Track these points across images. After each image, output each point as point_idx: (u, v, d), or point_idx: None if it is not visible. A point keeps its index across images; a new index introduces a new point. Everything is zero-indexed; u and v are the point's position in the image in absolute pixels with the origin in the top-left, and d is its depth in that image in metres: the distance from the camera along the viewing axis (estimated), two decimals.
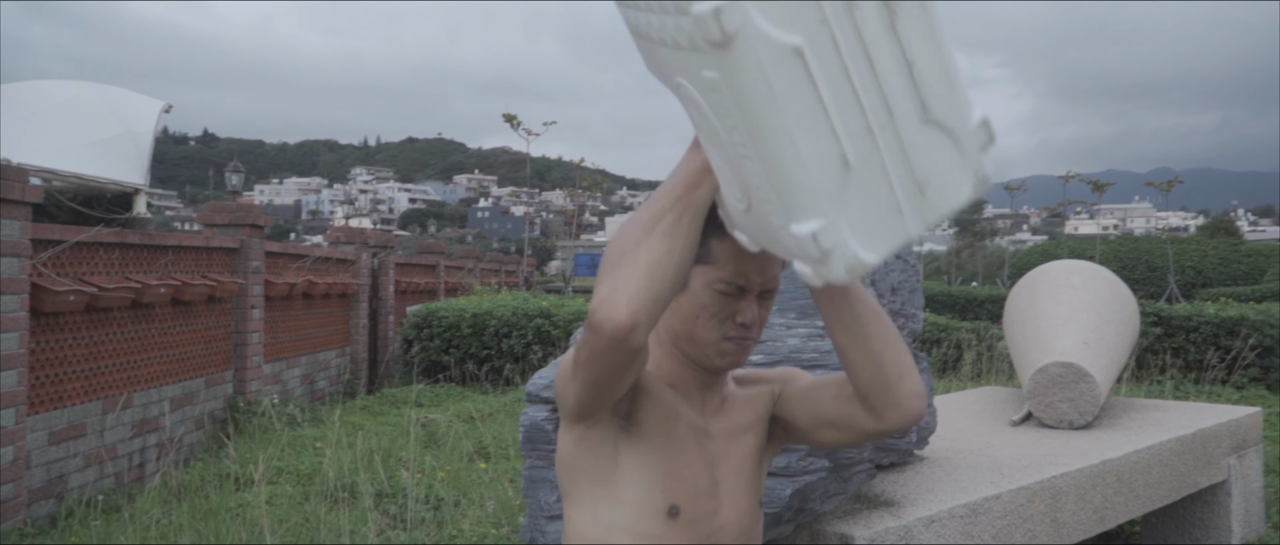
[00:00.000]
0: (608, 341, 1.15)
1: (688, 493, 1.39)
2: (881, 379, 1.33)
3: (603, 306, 1.14)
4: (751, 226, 1.19)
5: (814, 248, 1.04)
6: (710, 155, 1.17)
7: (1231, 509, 4.22)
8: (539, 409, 2.70)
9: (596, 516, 1.37)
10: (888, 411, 1.34)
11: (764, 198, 1.07)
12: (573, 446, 1.39)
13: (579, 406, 1.33)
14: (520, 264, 22.68)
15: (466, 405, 8.65)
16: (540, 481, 2.70)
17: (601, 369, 1.22)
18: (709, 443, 1.44)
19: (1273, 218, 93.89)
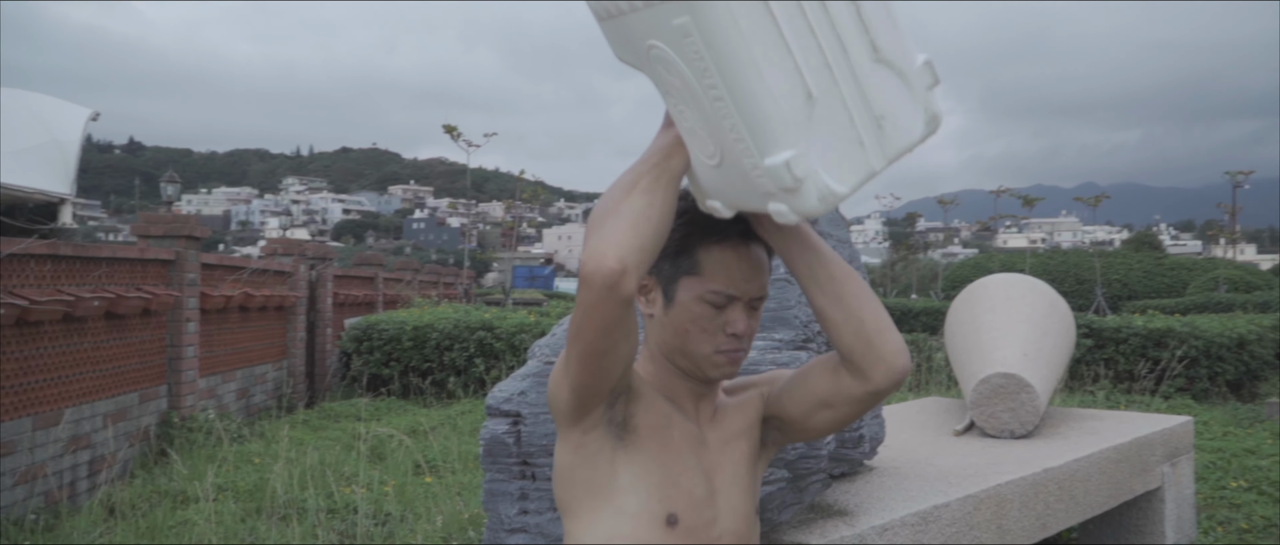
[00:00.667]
0: (600, 290, 1.18)
1: (686, 501, 1.40)
2: (863, 336, 1.37)
3: (592, 258, 1.18)
4: (723, 185, 1.25)
5: (788, 176, 1.12)
6: (682, 120, 1.24)
7: (1165, 515, 4.36)
8: (499, 422, 2.70)
9: (595, 528, 1.38)
10: (874, 368, 1.38)
11: (738, 138, 1.14)
12: (571, 456, 1.40)
13: (576, 397, 1.33)
14: (459, 276, 22.54)
15: (409, 419, 8.57)
16: (500, 494, 2.70)
17: (595, 330, 1.23)
18: (705, 451, 1.45)
19: (1193, 232, 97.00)
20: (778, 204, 1.17)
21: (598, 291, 1.18)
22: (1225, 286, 19.28)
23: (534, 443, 2.65)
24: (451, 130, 17.70)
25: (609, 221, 1.20)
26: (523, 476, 2.67)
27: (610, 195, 1.24)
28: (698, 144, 1.24)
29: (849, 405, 1.43)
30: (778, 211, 1.18)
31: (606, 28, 1.28)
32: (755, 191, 1.19)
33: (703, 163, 1.26)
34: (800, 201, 1.15)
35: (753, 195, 1.21)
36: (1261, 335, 10.40)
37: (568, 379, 1.32)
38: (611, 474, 1.38)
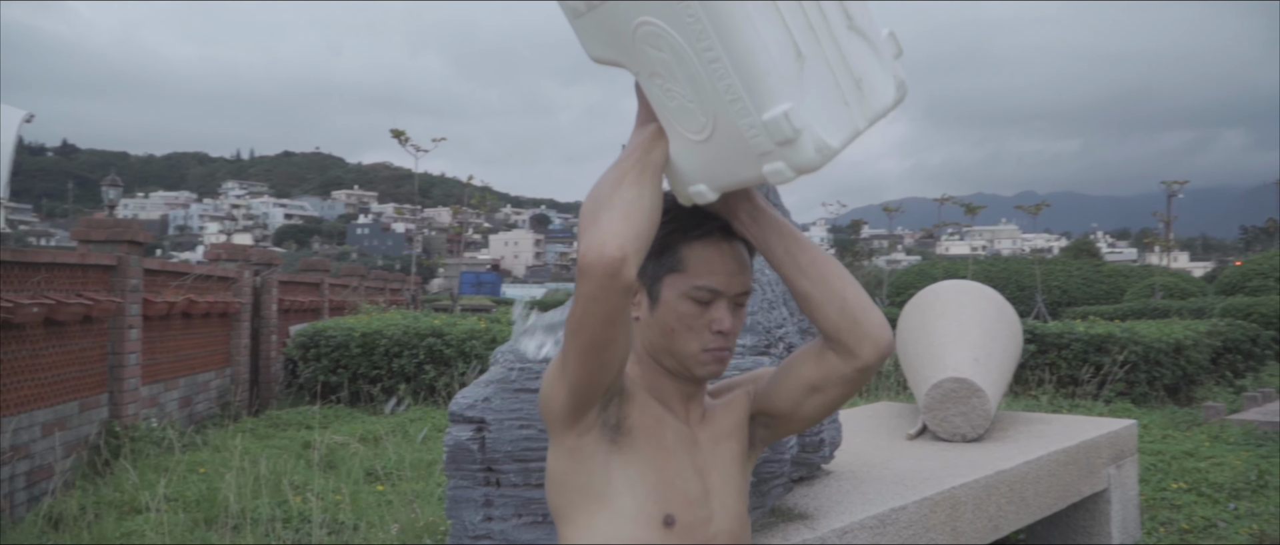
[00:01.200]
0: (601, 279, 1.18)
1: (681, 501, 1.40)
2: (849, 314, 1.41)
3: (591, 249, 1.19)
4: (711, 161, 1.28)
5: (788, 126, 1.17)
6: (667, 101, 1.28)
7: (1111, 516, 4.46)
8: (463, 429, 2.69)
9: (593, 532, 1.38)
10: (861, 345, 1.42)
11: (734, 99, 1.19)
12: (565, 461, 1.40)
13: (574, 396, 1.33)
14: (406, 282, 22.33)
15: (359, 427, 8.47)
16: (464, 501, 2.69)
17: (598, 322, 1.23)
18: (697, 451, 1.46)
19: (1129, 240, 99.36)
20: (774, 163, 1.21)
21: (600, 280, 1.19)
22: (1161, 293, 19.79)
23: (498, 449, 2.64)
24: (399, 135, 17.54)
25: (602, 215, 1.21)
26: (487, 483, 2.66)
27: (598, 192, 1.25)
28: (686, 120, 1.27)
29: (839, 386, 1.46)
30: (774, 171, 1.22)
31: (584, 23, 1.32)
32: (749, 156, 1.23)
33: (688, 143, 1.29)
34: (797, 154, 1.19)
35: (745, 162, 1.25)
36: (1197, 341, 10.68)
37: (565, 379, 1.33)
38: (607, 477, 1.38)
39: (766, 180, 1.24)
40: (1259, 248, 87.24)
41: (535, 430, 2.62)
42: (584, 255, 1.19)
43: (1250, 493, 6.04)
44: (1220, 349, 11.50)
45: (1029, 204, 23.99)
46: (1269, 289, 16.82)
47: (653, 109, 1.34)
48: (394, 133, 17.72)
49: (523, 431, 2.62)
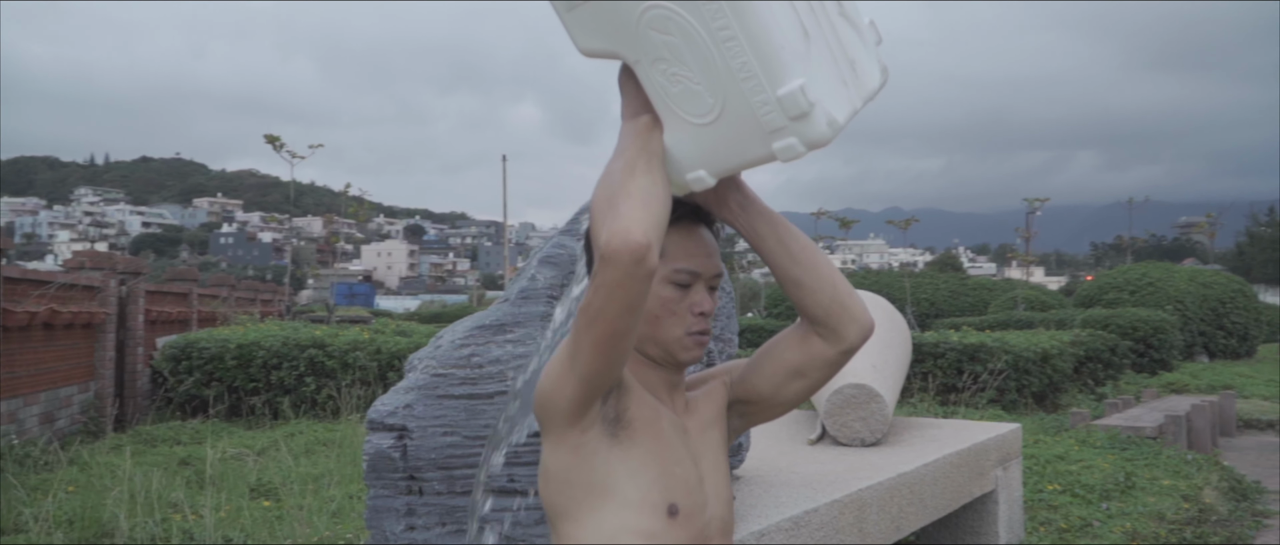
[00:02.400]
0: (627, 266, 1.18)
1: (682, 490, 1.41)
2: (836, 298, 1.46)
3: (616, 236, 1.19)
4: (717, 144, 1.30)
5: (803, 100, 1.20)
6: (670, 87, 1.29)
7: (998, 516, 4.64)
8: (383, 437, 2.62)
9: (600, 526, 1.36)
10: (847, 328, 1.47)
11: (748, 76, 1.22)
12: (567, 457, 1.38)
13: (585, 388, 1.31)
14: (278, 293, 21.62)
15: (236, 442, 8.15)
16: (385, 511, 2.62)
17: (619, 310, 1.22)
18: (688, 439, 1.48)
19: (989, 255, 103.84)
20: (785, 139, 1.24)
21: (625, 267, 1.19)
22: (1023, 305, 20.72)
23: (421, 456, 2.59)
24: (274, 140, 17.02)
25: (621, 204, 1.21)
26: (409, 492, 2.61)
27: (610, 182, 1.25)
28: (691, 104, 1.29)
29: (822, 369, 1.50)
30: (785, 147, 1.25)
31: (577, 15, 1.32)
32: (758, 134, 1.26)
33: (690, 128, 1.30)
34: (810, 128, 1.23)
35: (753, 141, 1.27)
36: (1062, 350, 11.23)
37: (576, 372, 1.31)
38: (609, 471, 1.37)
39: (775, 158, 1.27)
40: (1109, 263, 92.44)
41: (460, 437, 2.57)
42: (608, 243, 1.19)
43: (1120, 493, 6.37)
44: (1083, 358, 12.12)
45: (897, 219, 24.84)
46: (1124, 302, 17.83)
47: (644, 99, 1.34)
48: (268, 138, 17.19)
49: (447, 439, 2.58)
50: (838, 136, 1.26)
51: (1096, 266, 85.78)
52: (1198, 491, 6.75)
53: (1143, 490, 6.55)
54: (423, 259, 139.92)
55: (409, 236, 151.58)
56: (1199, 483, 6.99)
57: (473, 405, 2.59)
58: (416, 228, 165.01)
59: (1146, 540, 5.43)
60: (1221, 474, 7.52)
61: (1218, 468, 7.68)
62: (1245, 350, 18.78)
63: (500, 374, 2.59)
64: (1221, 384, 13.02)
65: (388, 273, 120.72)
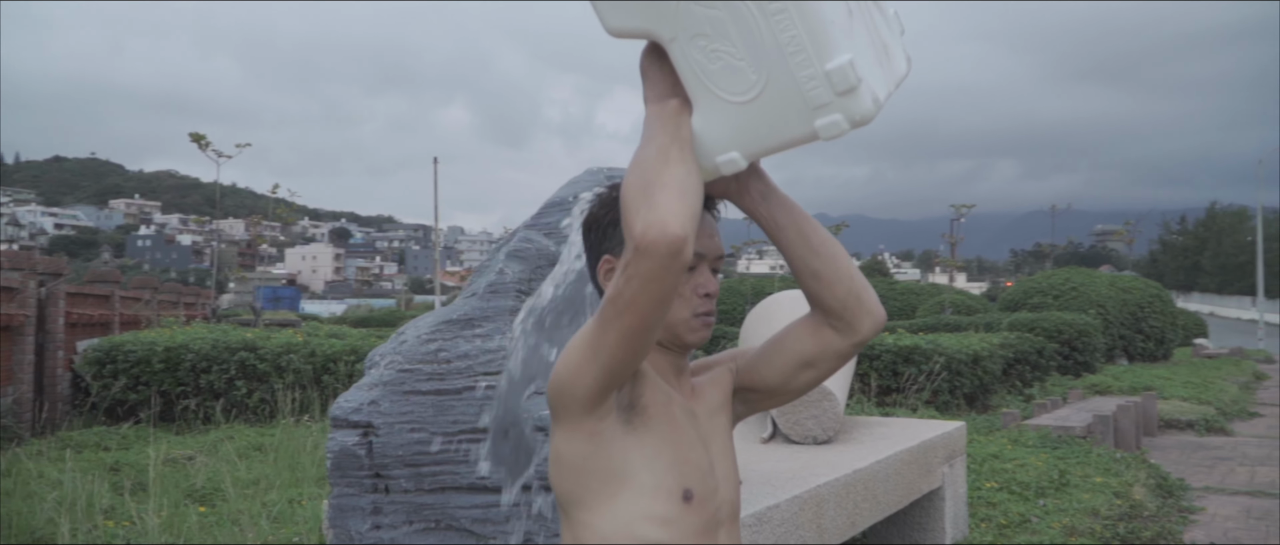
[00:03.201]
0: (663, 258, 1.17)
1: (696, 475, 1.41)
2: (853, 291, 1.45)
3: (652, 227, 1.17)
4: (755, 123, 1.29)
5: (852, 75, 1.20)
6: (709, 63, 1.28)
7: (945, 512, 4.72)
8: (348, 434, 2.57)
9: (616, 513, 1.35)
10: (862, 320, 1.47)
11: (797, 50, 1.21)
12: (583, 445, 1.35)
13: (606, 378, 1.29)
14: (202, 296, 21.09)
15: (164, 447, 7.91)
16: (350, 510, 2.56)
17: (652, 302, 1.21)
18: (698, 424, 1.47)
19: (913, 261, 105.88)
20: (829, 115, 1.23)
21: (661, 259, 1.17)
22: (950, 309, 21.15)
23: (388, 454, 2.54)
24: (199, 138, 16.59)
25: (657, 194, 1.19)
26: (376, 490, 2.55)
27: (643, 170, 1.23)
28: (731, 81, 1.27)
29: (833, 361, 1.51)
30: (829, 124, 1.24)
31: None
32: (801, 111, 1.25)
33: (726, 108, 1.28)
34: (856, 104, 1.22)
35: (795, 119, 1.26)
36: (992, 352, 11.47)
37: (599, 362, 1.28)
38: (625, 457, 1.36)
39: (816, 136, 1.26)
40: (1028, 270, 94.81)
41: (427, 434, 2.53)
42: (644, 234, 1.17)
43: (1054, 490, 6.52)
44: (1011, 360, 12.40)
45: (827, 225, 25.12)
46: (1048, 306, 18.29)
47: (670, 82, 1.32)
48: (193, 137, 16.74)
49: (413, 435, 2.53)
50: (878, 115, 1.25)
51: (1016, 272, 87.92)
52: (1128, 488, 6.94)
53: (1076, 487, 6.71)
54: (349, 262, 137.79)
55: (335, 240, 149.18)
56: (1129, 480, 7.19)
57: (441, 401, 2.54)
58: (342, 231, 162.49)
59: (1083, 535, 5.57)
60: (1149, 472, 7.75)
61: (1145, 466, 7.91)
62: (1162, 353, 19.41)
63: (469, 369, 2.55)
64: (1142, 386, 13.43)
65: (313, 276, 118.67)
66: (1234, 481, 8.45)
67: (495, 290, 2.66)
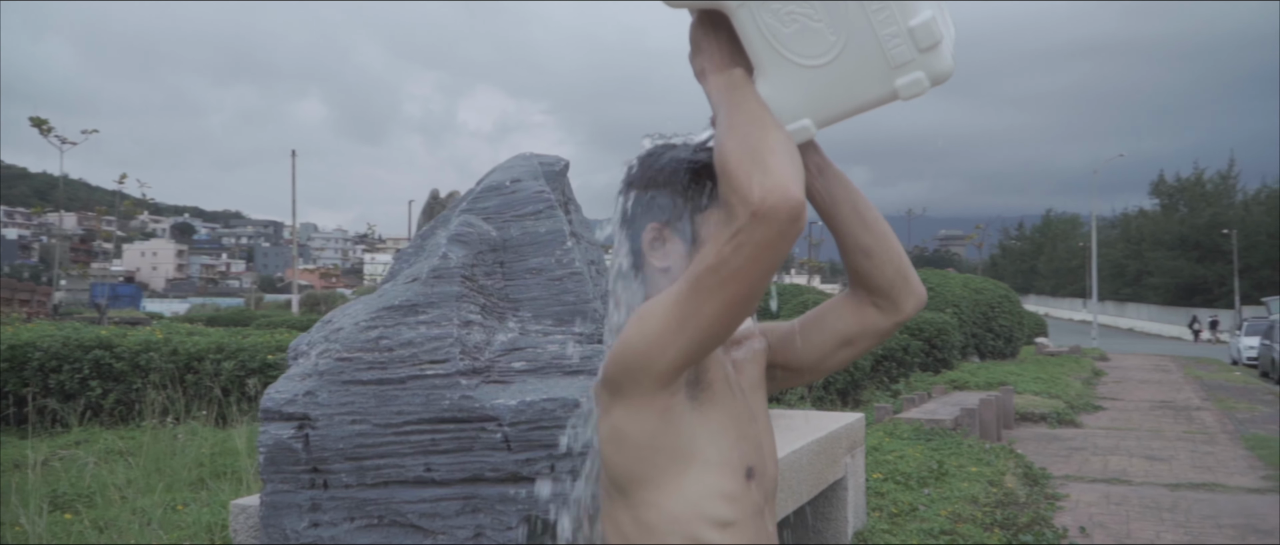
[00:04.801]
0: (784, 224, 1.12)
1: (754, 452, 1.37)
2: (901, 270, 1.44)
3: (774, 191, 1.12)
4: (830, 86, 1.26)
5: (937, 29, 1.19)
6: (783, 28, 1.24)
7: (848, 502, 4.81)
8: (282, 427, 2.42)
9: (685, 491, 1.28)
10: (907, 300, 1.45)
11: (879, 7, 1.20)
12: (654, 421, 1.28)
13: (692, 352, 1.23)
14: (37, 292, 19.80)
15: (11, 452, 7.36)
16: (285, 507, 2.41)
17: (763, 271, 1.16)
18: (746, 399, 1.42)
19: None
20: (912, 73, 1.22)
21: (781, 225, 1.12)
22: None
23: (327, 447, 2.40)
24: (41, 123, 15.54)
25: (769, 158, 1.14)
26: (313, 486, 2.41)
27: (744, 135, 1.18)
28: (808, 43, 1.24)
29: (872, 339, 1.48)
30: (911, 82, 1.22)
31: None
32: (881, 72, 1.23)
33: (799, 73, 1.25)
34: (938, 61, 1.21)
35: (874, 80, 1.24)
36: None
37: (687, 333, 1.21)
38: (692, 434, 1.30)
39: (896, 97, 1.24)
40: None
41: (370, 425, 2.41)
42: (764, 199, 1.12)
43: (935, 480, 6.76)
44: (879, 356, 12.81)
45: None
46: None
47: (729, 52, 1.28)
48: (34, 121, 15.67)
49: (355, 427, 2.40)
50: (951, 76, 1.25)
51: None
52: (1001, 477, 7.26)
53: (954, 477, 6.98)
54: (192, 260, 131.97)
55: (177, 235, 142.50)
56: (1000, 469, 7.52)
57: (383, 391, 2.42)
58: (185, 226, 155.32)
59: (968, 523, 5.78)
60: (1016, 461, 8.13)
61: (1013, 456, 8.30)
62: (1010, 351, 20.45)
63: (413, 357, 2.43)
64: (997, 381, 14.10)
65: (153, 273, 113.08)
66: (1090, 470, 8.95)
67: (439, 275, 2.55)
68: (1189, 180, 64.74)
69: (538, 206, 2.87)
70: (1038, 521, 6.38)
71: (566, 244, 2.84)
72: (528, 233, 2.82)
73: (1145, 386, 18.33)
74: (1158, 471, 8.94)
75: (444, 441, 2.38)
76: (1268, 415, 13.79)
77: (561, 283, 2.77)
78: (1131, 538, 6.43)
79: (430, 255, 2.65)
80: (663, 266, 1.39)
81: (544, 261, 2.79)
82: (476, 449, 2.38)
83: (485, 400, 2.39)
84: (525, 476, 2.38)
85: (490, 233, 2.74)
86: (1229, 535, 6.60)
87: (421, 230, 3.03)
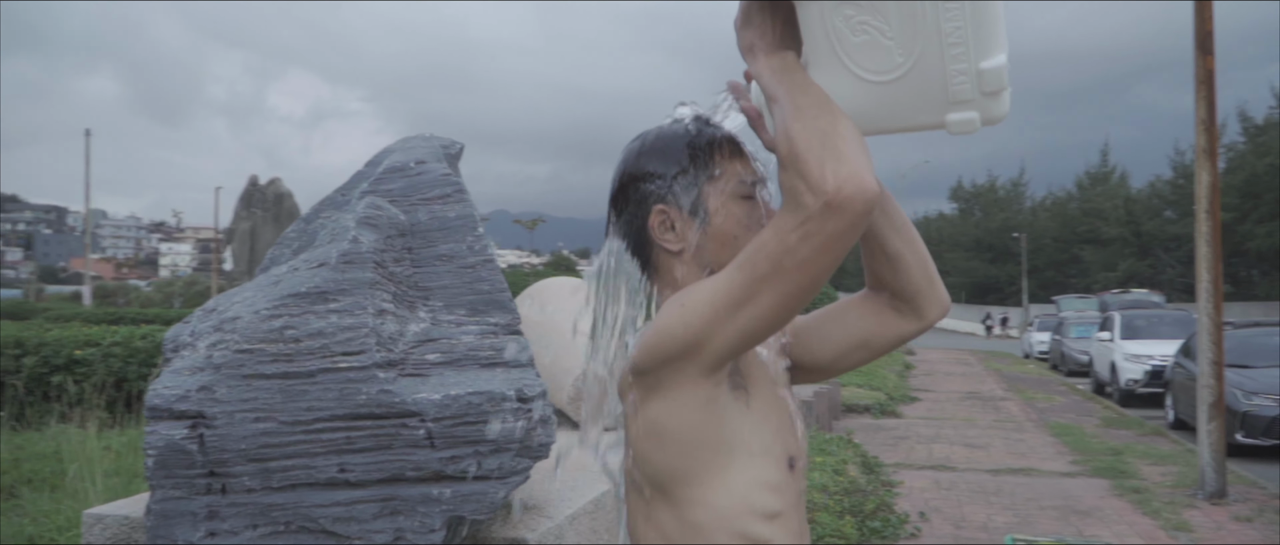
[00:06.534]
0: (859, 215, 1.06)
1: (794, 440, 1.30)
2: (928, 275, 1.39)
3: (849, 181, 1.06)
4: (883, 104, 1.21)
5: (1004, 77, 1.16)
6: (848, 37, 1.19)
7: None
8: (174, 427, 2.19)
9: (731, 485, 1.20)
10: (932, 307, 1.40)
11: (956, 41, 1.15)
12: (697, 413, 1.18)
13: (745, 340, 1.15)
14: None
15: None
16: (177, 516, 2.18)
17: (830, 262, 1.09)
18: (781, 389, 1.35)
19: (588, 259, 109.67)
20: (967, 112, 1.18)
21: (856, 217, 1.06)
22: None
23: (227, 447, 2.19)
24: None
25: (842, 146, 1.08)
26: (210, 491, 2.19)
27: (813, 120, 1.11)
28: (871, 57, 1.18)
29: (892, 343, 1.43)
30: (964, 120, 1.18)
31: None
32: (937, 102, 1.18)
33: (852, 83, 1.19)
34: (997, 107, 1.18)
35: (927, 108, 1.19)
36: None
37: (739, 322, 1.13)
38: (736, 425, 1.22)
39: (944, 127, 1.20)
40: None
41: (276, 423, 2.20)
42: (840, 189, 1.05)
43: None
44: None
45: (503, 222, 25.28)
46: None
47: (782, 35, 1.21)
48: None
49: (259, 425, 2.20)
50: None
51: None
52: (844, 466, 7.49)
53: None
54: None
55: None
56: (843, 459, 7.76)
57: (290, 386, 2.22)
58: None
59: (821, 511, 5.92)
60: (855, 451, 8.42)
61: (851, 445, 8.58)
62: None
63: (324, 349, 2.24)
64: None
65: None
66: (917, 458, 9.39)
67: (350, 260, 2.36)
68: (984, 187, 69.29)
69: (446, 190, 2.72)
70: (882, 508, 6.62)
71: (478, 229, 2.70)
72: (436, 217, 2.67)
73: (952, 378, 19.45)
74: (978, 458, 9.47)
75: (360, 440, 2.21)
76: (1064, 405, 14.87)
77: (474, 271, 2.63)
78: (966, 521, 6.77)
79: (338, 238, 2.45)
80: (676, 249, 1.31)
81: (455, 248, 2.64)
82: (396, 447, 2.22)
83: (406, 395, 2.23)
84: (450, 475, 2.24)
85: (398, 216, 2.57)
86: (1052, 515, 7.04)
87: (239, 217, 2.82)
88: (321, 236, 2.61)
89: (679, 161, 1.30)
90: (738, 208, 1.31)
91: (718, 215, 1.30)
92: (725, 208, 1.30)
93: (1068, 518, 6.95)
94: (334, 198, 3.08)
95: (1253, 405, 9.73)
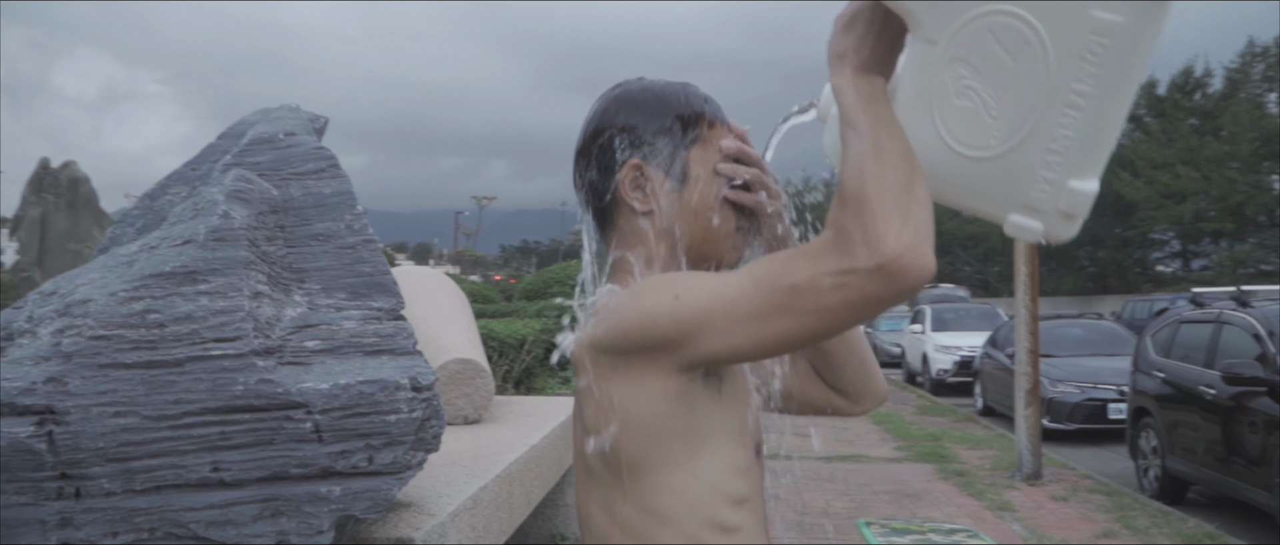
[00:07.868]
0: (905, 289, 0.96)
1: (758, 430, 1.23)
2: (863, 373, 1.36)
3: (910, 252, 0.94)
4: (953, 175, 1.08)
5: (1087, 205, 1.04)
6: (946, 99, 1.05)
7: None
8: (19, 423, 1.94)
9: (700, 473, 1.10)
10: (866, 400, 1.37)
11: (1056, 150, 1.02)
12: (668, 404, 1.07)
13: (733, 355, 1.05)
14: None
15: None
16: (23, 524, 1.93)
17: (854, 319, 1.00)
18: (749, 379, 1.25)
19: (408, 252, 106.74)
20: (1030, 219, 1.06)
21: (905, 289, 0.95)
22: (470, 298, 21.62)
23: (81, 446, 1.95)
24: None
25: (915, 209, 0.97)
26: (62, 495, 1.95)
27: (899, 167, 0.99)
28: (964, 129, 1.05)
29: (817, 412, 1.39)
30: (1026, 227, 1.06)
31: None
32: (1009, 198, 1.06)
33: (930, 141, 1.06)
34: (1064, 228, 1.06)
35: (996, 199, 1.07)
36: (535, 336, 11.86)
37: (740, 339, 1.03)
38: (707, 414, 1.10)
39: (999, 222, 1.08)
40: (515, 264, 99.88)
41: (139, 418, 1.98)
42: (900, 257, 0.94)
43: None
44: (548, 345, 12.90)
45: None
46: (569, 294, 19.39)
47: (879, 56, 1.07)
48: None
49: (119, 420, 1.97)
50: None
51: (505, 266, 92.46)
52: None
53: None
54: None
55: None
56: None
57: (154, 376, 1.99)
58: None
59: None
60: None
61: None
62: None
63: (194, 335, 2.02)
64: None
65: None
66: None
67: (221, 237, 2.13)
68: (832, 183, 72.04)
69: (319, 164, 2.53)
70: None
71: (356, 208, 2.52)
72: (311, 194, 2.47)
73: None
74: (807, 446, 9.73)
75: (237, 435, 2.00)
76: None
77: (354, 251, 2.45)
78: (809, 507, 6.94)
79: (203, 214, 2.21)
80: (645, 209, 1.21)
81: (332, 227, 2.45)
82: (279, 442, 2.02)
83: (290, 384, 2.03)
84: (339, 471, 2.06)
85: (270, 191, 2.36)
86: (885, 499, 7.32)
87: (27, 203, 2.55)
88: (178, 212, 2.36)
89: (663, 117, 1.20)
90: (717, 184, 1.21)
91: (696, 183, 1.20)
92: (706, 177, 1.21)
93: (900, 501, 7.23)
94: (183, 172, 2.82)
95: (1058, 392, 10.43)
